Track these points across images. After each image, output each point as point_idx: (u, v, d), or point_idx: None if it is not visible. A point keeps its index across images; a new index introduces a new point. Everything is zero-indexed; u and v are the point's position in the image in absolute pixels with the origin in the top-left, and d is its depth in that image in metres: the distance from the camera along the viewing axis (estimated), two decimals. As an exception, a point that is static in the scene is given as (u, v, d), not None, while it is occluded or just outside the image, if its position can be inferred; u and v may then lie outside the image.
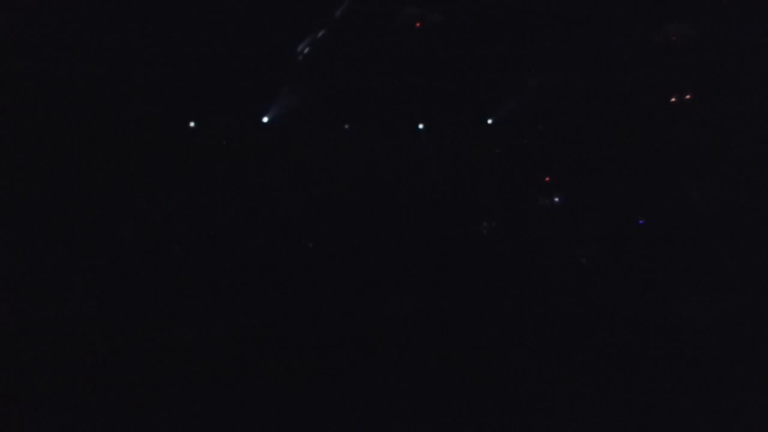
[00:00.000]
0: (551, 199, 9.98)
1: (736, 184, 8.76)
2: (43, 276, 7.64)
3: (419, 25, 9.01)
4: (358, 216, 10.27)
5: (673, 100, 10.87)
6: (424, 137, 11.83)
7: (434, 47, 9.57)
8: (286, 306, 8.59)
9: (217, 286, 8.50)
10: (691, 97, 10.70)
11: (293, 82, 10.21)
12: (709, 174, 9.30)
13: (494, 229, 10.33)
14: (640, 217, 9.38)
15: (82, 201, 7.89)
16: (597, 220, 9.32)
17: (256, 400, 7.40)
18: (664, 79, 10.58)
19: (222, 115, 10.30)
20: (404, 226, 10.15)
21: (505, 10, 8.95)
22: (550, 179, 10.98)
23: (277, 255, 9.41)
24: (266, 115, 10.62)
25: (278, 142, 10.87)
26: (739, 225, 8.50)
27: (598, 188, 9.82)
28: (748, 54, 9.59)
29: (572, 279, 9.02)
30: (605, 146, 10.53)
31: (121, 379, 7.32)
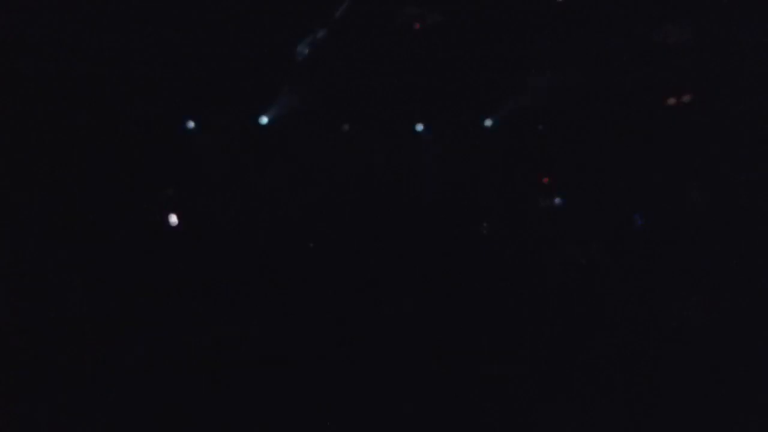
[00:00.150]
0: (551, 200, 9.99)
1: (737, 184, 8.76)
2: (43, 276, 7.65)
3: (419, 26, 9.03)
4: (357, 216, 10.28)
5: (673, 100, 10.88)
6: (423, 137, 11.84)
7: (434, 47, 9.59)
8: (286, 306, 8.60)
9: (216, 286, 8.50)
10: (691, 98, 10.71)
11: (292, 83, 10.22)
12: (709, 175, 9.30)
13: (494, 229, 10.34)
14: (639, 218, 9.37)
15: (81, 201, 7.89)
16: (597, 221, 9.32)
17: (255, 400, 7.41)
18: (664, 80, 10.60)
19: (221, 116, 10.32)
20: (403, 227, 10.16)
21: (504, 11, 8.96)
22: (549, 180, 10.99)
23: (277, 255, 9.42)
24: (265, 116, 10.63)
25: (277, 143, 10.88)
26: (739, 225, 8.50)
27: (598, 189, 9.82)
28: (749, 54, 9.60)
29: (572, 279, 9.02)
30: (605, 147, 10.53)
31: (120, 379, 7.33)
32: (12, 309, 7.32)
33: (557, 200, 10.01)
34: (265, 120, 10.64)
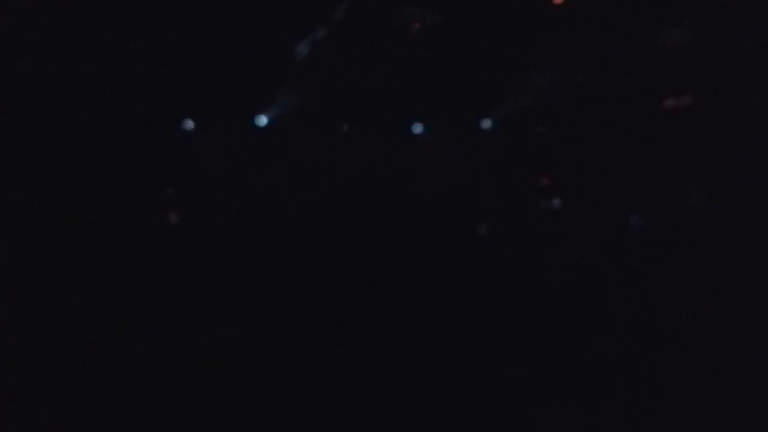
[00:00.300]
0: (550, 201, 9.97)
1: (736, 186, 8.76)
2: (42, 276, 7.64)
3: (418, 26, 9.03)
4: (355, 217, 10.26)
5: (672, 102, 10.88)
6: (421, 138, 11.82)
7: (433, 48, 9.59)
8: (285, 306, 8.59)
9: (216, 286, 8.50)
10: (690, 100, 10.71)
11: (291, 83, 10.20)
12: (708, 176, 9.30)
13: (492, 230, 10.32)
14: (637, 219, 9.36)
15: (81, 201, 7.87)
16: (596, 222, 9.32)
17: (255, 400, 7.42)
18: (662, 82, 10.60)
19: (219, 116, 10.30)
20: (401, 227, 10.14)
21: (504, 12, 8.97)
22: (549, 180, 10.97)
23: (276, 255, 9.40)
24: (264, 116, 10.61)
25: (275, 143, 10.86)
26: (739, 227, 8.50)
27: (597, 190, 9.82)
28: (748, 56, 9.62)
29: (571, 280, 9.02)
30: (603, 148, 10.52)
31: (120, 379, 7.33)
32: (12, 309, 7.32)
33: (555, 202, 9.99)
34: (263, 121, 10.62)
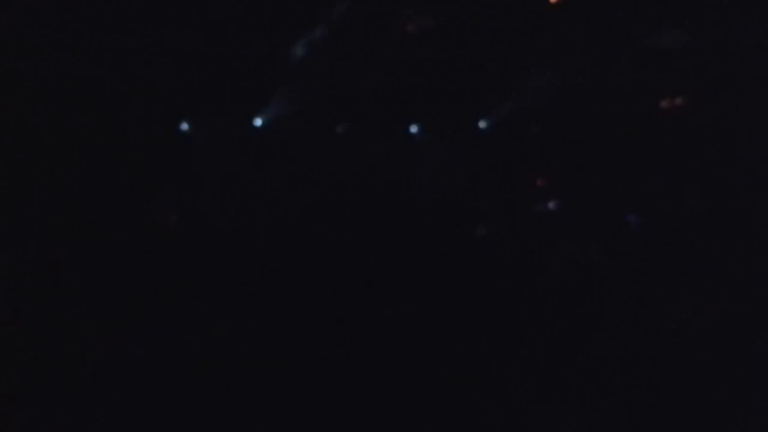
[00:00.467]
0: (547, 202, 10.00)
1: (735, 186, 8.80)
2: (42, 276, 7.63)
3: (412, 28, 9.05)
4: (352, 218, 10.27)
5: (669, 103, 10.92)
6: (418, 139, 11.84)
7: (427, 49, 9.61)
8: (284, 307, 8.60)
9: (215, 285, 8.50)
10: (687, 101, 10.75)
11: (286, 85, 10.22)
12: (707, 176, 9.34)
13: (490, 231, 10.34)
14: (634, 219, 9.38)
15: (81, 201, 7.87)
16: (595, 222, 9.36)
17: (255, 400, 7.42)
18: (659, 83, 10.64)
19: (215, 117, 10.30)
20: (399, 229, 10.16)
21: (499, 13, 9.00)
22: (545, 181, 10.99)
23: (274, 256, 9.41)
24: (259, 117, 10.61)
25: (273, 144, 10.87)
26: (738, 227, 8.53)
27: (596, 190, 9.85)
28: (745, 57, 9.66)
29: (570, 281, 9.04)
30: (601, 149, 10.55)
31: (120, 379, 7.33)
32: (12, 309, 7.31)
33: (552, 204, 10.01)
34: (259, 122, 10.62)
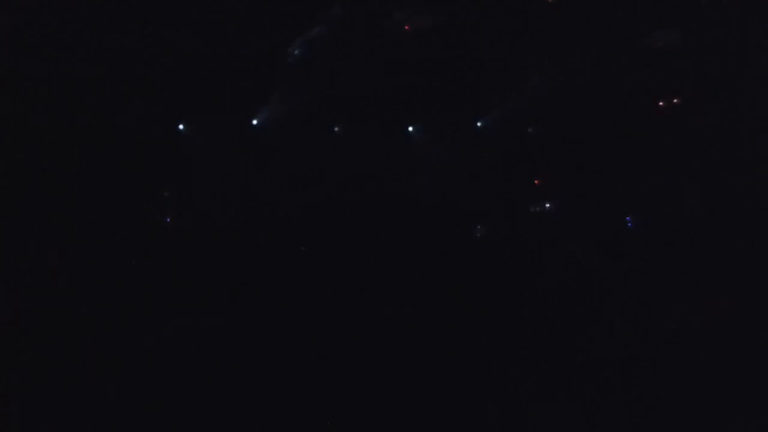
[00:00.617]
0: (544, 202, 10.00)
1: (734, 186, 8.83)
2: (42, 275, 7.62)
3: (408, 28, 9.07)
4: (349, 219, 10.26)
5: (665, 103, 10.95)
6: (415, 139, 11.83)
7: (424, 50, 9.63)
8: (280, 308, 8.59)
9: (215, 286, 8.49)
10: (682, 100, 10.78)
11: (283, 85, 10.21)
12: (705, 176, 9.36)
13: (488, 232, 10.34)
14: (631, 220, 9.38)
15: (81, 201, 7.87)
16: (593, 223, 9.36)
17: (254, 400, 7.41)
18: (655, 83, 10.66)
19: (212, 117, 10.29)
20: (396, 229, 10.15)
21: (495, 14, 9.03)
22: (542, 182, 11.00)
23: (270, 258, 9.39)
24: (256, 118, 10.60)
25: (271, 144, 10.86)
26: (737, 227, 8.55)
27: (592, 191, 9.86)
28: (740, 57, 9.71)
29: (569, 282, 9.03)
30: (598, 149, 10.57)
31: (121, 379, 7.32)
32: (12, 309, 7.30)
33: (549, 204, 10.01)
34: (255, 122, 10.61)
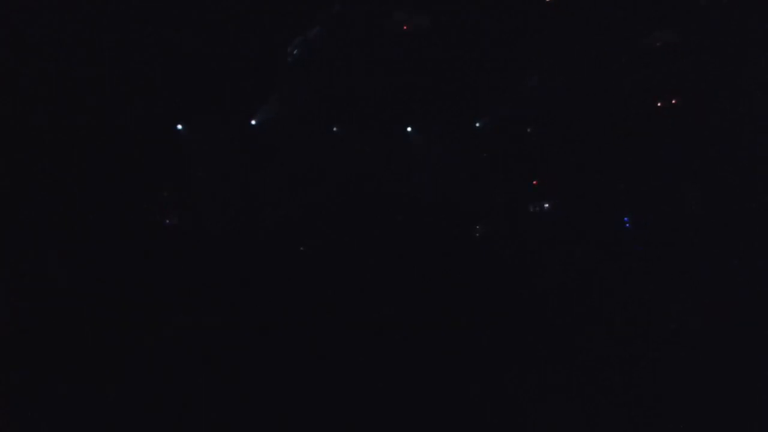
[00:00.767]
0: (542, 202, 10.03)
1: (734, 185, 8.85)
2: (41, 275, 7.63)
3: (406, 28, 9.09)
4: (348, 219, 10.28)
5: (662, 103, 10.97)
6: (413, 140, 11.86)
7: (423, 51, 9.64)
8: (278, 309, 8.60)
9: (211, 287, 8.50)
10: (682, 100, 10.80)
11: (283, 85, 10.23)
12: (705, 176, 9.38)
13: (488, 232, 10.36)
14: (628, 221, 9.41)
15: (81, 201, 7.88)
16: (592, 223, 9.38)
17: (254, 401, 7.42)
18: (656, 83, 10.68)
19: (211, 117, 10.30)
20: (396, 229, 10.18)
21: (493, 14, 9.04)
22: (540, 182, 11.03)
23: (269, 258, 9.41)
24: (255, 118, 10.62)
25: (267, 144, 10.87)
26: (737, 227, 8.57)
27: (592, 191, 9.88)
28: (741, 57, 9.73)
29: (567, 282, 9.05)
30: (597, 149, 10.60)
31: (121, 379, 7.32)
32: (12, 309, 7.30)
33: (547, 204, 10.04)
34: (254, 122, 10.62)
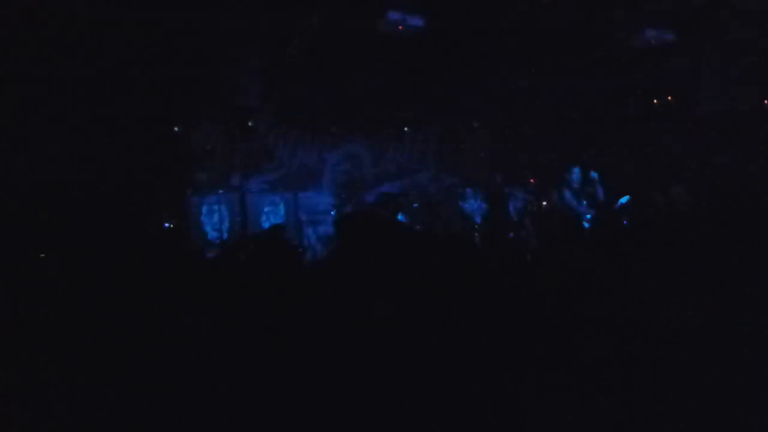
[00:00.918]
0: (539, 202, 10.09)
1: (733, 185, 8.91)
2: (42, 275, 7.59)
3: (401, 27, 9.14)
4: (347, 219, 10.29)
5: (657, 101, 11.08)
6: (410, 140, 11.92)
7: (419, 51, 9.69)
8: (277, 309, 8.58)
9: (210, 287, 8.47)
10: (674, 99, 10.91)
11: (279, 86, 10.26)
12: (704, 176, 9.45)
13: (485, 231, 10.40)
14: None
15: (81, 200, 7.86)
16: (591, 223, 9.42)
17: (253, 401, 7.39)
18: (654, 82, 10.78)
19: (211, 117, 10.33)
20: (395, 229, 10.18)
21: (490, 14, 9.09)
22: (537, 181, 11.11)
23: (267, 259, 9.40)
24: (251, 120, 10.64)
25: (265, 146, 10.90)
26: (737, 227, 8.60)
27: (590, 191, 9.91)
28: (732, 57, 9.83)
29: (565, 282, 9.06)
30: (593, 148, 10.68)
31: (119, 379, 7.28)
32: (12, 309, 7.25)
33: (545, 203, 10.10)
34: (250, 124, 10.64)
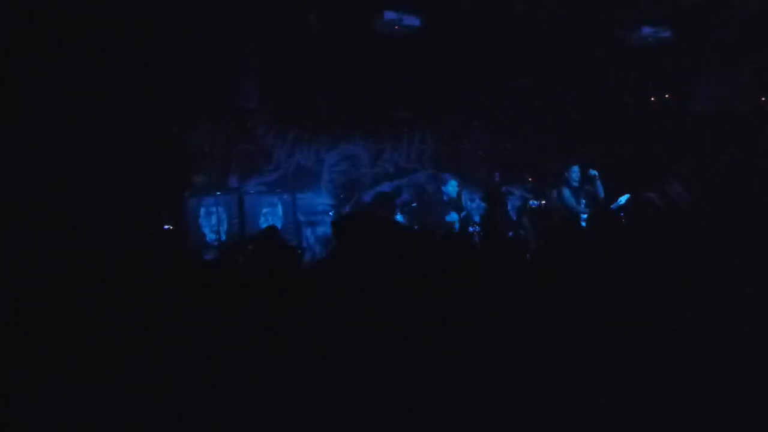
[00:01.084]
0: (538, 201, 10.09)
1: (733, 184, 8.93)
2: (42, 275, 7.58)
3: (397, 27, 9.18)
4: (347, 219, 10.29)
5: (654, 99, 11.11)
6: (408, 140, 11.93)
7: (417, 51, 9.72)
8: (276, 310, 8.58)
9: (210, 287, 8.47)
10: (672, 98, 10.94)
11: (278, 88, 10.27)
12: (704, 175, 9.47)
13: (483, 231, 10.39)
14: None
15: (79, 201, 7.85)
16: (590, 222, 9.43)
17: (253, 401, 7.39)
18: (651, 81, 10.81)
19: (212, 117, 10.33)
20: (394, 229, 10.18)
21: (487, 14, 9.12)
22: (536, 181, 11.12)
23: (266, 260, 9.40)
24: (251, 122, 10.64)
25: (263, 147, 10.90)
26: (736, 226, 8.62)
27: (588, 190, 9.93)
28: (728, 56, 9.87)
29: (564, 281, 9.06)
30: (591, 148, 10.70)
31: (119, 379, 7.27)
32: (12, 309, 7.24)
33: (545, 202, 10.10)
34: (250, 125, 10.64)
